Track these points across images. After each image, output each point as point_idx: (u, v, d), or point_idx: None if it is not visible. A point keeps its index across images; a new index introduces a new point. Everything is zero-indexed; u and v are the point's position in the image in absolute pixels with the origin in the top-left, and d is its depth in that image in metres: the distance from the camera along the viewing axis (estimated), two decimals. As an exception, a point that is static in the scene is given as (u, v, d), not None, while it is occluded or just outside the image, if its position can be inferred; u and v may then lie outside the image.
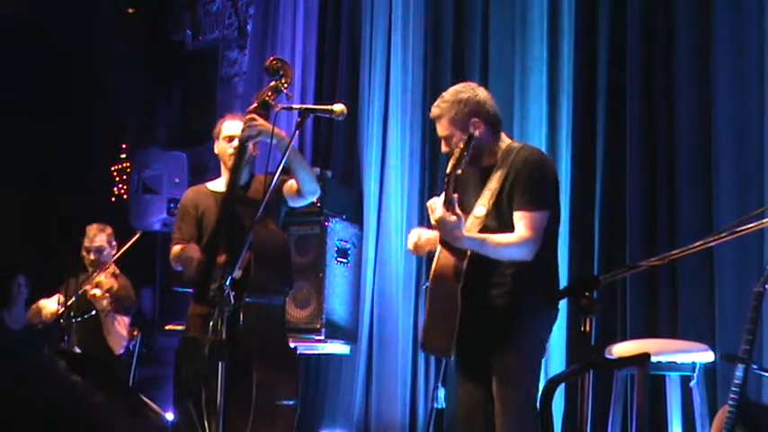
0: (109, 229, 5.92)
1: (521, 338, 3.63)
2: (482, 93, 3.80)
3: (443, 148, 3.78)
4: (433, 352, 4.09)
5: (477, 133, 3.64)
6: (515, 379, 3.62)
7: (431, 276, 3.66)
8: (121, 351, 5.67)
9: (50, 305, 5.84)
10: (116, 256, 5.79)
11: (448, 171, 3.50)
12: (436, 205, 3.57)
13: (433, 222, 3.61)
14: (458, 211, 3.50)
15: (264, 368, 4.18)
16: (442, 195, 3.55)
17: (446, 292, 3.57)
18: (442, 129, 3.76)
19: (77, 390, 0.92)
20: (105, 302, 5.46)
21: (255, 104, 4.37)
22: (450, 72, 6.23)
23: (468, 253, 3.57)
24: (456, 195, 3.52)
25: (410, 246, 3.86)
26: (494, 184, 3.67)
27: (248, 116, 4.33)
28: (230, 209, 4.27)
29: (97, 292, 5.44)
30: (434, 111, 3.78)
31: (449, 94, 3.79)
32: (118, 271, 5.74)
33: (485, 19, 6.16)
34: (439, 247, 3.65)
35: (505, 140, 3.81)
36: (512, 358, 3.63)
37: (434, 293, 3.64)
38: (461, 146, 3.52)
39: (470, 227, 3.61)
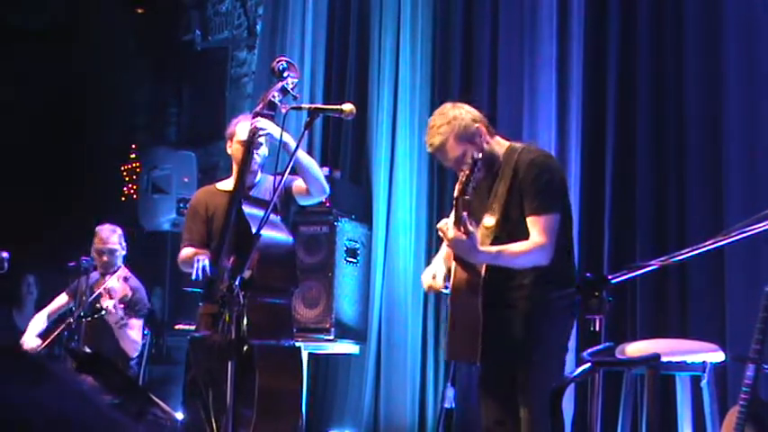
0: (119, 230, 5.86)
1: (542, 341, 3.64)
2: (464, 105, 3.74)
3: (455, 168, 3.65)
4: (459, 359, 4.10)
5: (479, 150, 3.57)
6: (539, 381, 3.62)
7: (450, 290, 3.68)
8: (135, 355, 5.64)
9: (31, 341, 5.72)
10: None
11: (456, 195, 3.48)
12: (447, 226, 3.54)
13: (446, 244, 3.61)
14: (470, 228, 3.48)
15: (269, 367, 4.18)
16: (452, 215, 3.53)
17: (467, 305, 3.59)
18: (451, 152, 3.64)
19: (85, 392, 0.92)
20: (119, 316, 5.40)
21: (261, 105, 4.36)
22: (459, 72, 6.23)
23: (483, 268, 3.58)
24: (466, 214, 3.50)
25: (425, 287, 3.81)
26: (500, 190, 3.66)
27: (254, 119, 4.32)
28: (236, 208, 4.27)
29: (110, 303, 5.36)
30: (435, 140, 3.64)
31: (438, 119, 3.67)
32: (129, 273, 5.70)
33: (494, 18, 6.15)
34: (454, 264, 3.66)
35: (501, 142, 3.79)
36: (535, 361, 3.63)
37: (455, 307, 3.67)
38: (467, 171, 3.49)
39: (482, 238, 3.60)
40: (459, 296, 3.65)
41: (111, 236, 5.77)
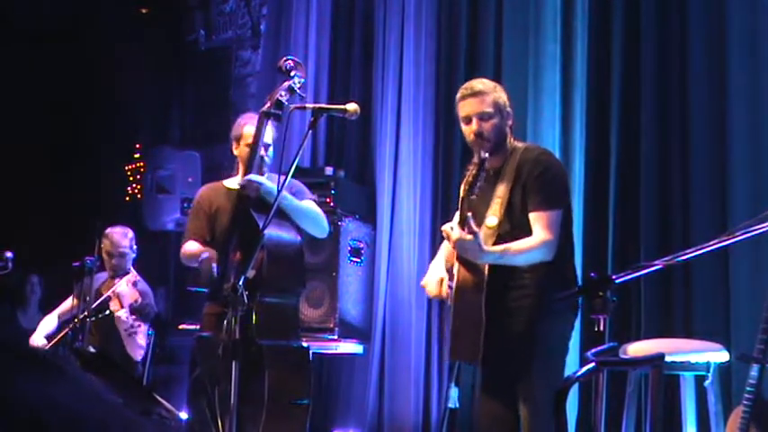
0: (131, 233, 5.83)
1: (544, 340, 3.64)
2: None
3: (474, 126, 3.69)
4: (461, 359, 4.11)
5: (507, 123, 3.74)
6: (541, 380, 3.62)
7: (453, 291, 3.67)
8: (139, 359, 5.64)
9: (38, 341, 5.71)
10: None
11: (462, 195, 3.50)
12: (451, 228, 3.55)
13: (450, 246, 3.62)
14: (474, 227, 3.48)
15: (277, 367, 4.19)
16: (456, 217, 3.55)
17: (470, 305, 3.58)
18: (480, 105, 3.70)
19: (98, 391, 0.92)
20: (129, 324, 5.40)
21: (269, 104, 4.36)
22: (464, 71, 6.21)
23: (487, 267, 3.57)
24: (470, 214, 3.51)
25: (433, 292, 3.79)
26: (502, 190, 3.65)
27: (261, 118, 4.32)
28: (244, 207, 4.27)
29: (122, 313, 5.36)
30: (477, 86, 3.76)
31: (486, 80, 3.86)
32: (138, 277, 5.67)
33: (498, 17, 6.15)
34: (456, 264, 3.65)
35: (511, 141, 3.81)
36: (536, 360, 3.63)
37: (458, 307, 3.66)
38: (473, 171, 3.50)
39: (485, 238, 3.59)
40: (462, 296, 3.65)
41: (123, 239, 5.74)
